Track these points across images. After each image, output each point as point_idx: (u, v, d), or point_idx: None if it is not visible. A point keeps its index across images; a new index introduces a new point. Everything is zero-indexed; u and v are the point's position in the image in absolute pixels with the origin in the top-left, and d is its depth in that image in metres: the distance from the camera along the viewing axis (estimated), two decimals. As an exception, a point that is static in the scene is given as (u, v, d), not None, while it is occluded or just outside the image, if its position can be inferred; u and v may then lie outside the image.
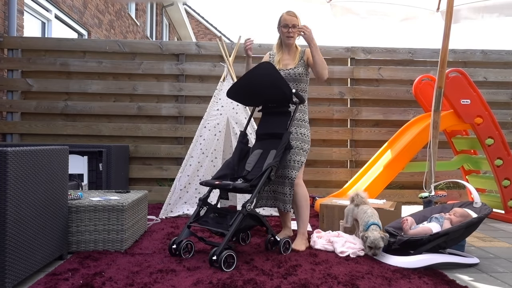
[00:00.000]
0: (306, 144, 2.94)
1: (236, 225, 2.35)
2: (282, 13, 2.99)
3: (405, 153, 3.91)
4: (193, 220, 2.59)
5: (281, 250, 2.61)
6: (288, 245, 2.66)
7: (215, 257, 2.25)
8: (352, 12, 4.24)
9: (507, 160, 3.95)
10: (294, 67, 2.97)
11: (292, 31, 2.95)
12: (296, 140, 2.90)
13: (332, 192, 4.44)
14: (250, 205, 2.42)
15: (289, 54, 3.05)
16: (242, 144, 2.92)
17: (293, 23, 2.93)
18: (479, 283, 2.19)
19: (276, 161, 2.56)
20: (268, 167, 2.52)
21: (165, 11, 14.83)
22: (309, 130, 2.99)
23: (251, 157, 2.84)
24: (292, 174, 2.82)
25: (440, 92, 3.43)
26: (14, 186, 1.89)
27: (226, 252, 2.27)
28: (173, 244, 2.52)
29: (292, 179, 2.81)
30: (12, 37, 4.80)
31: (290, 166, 2.84)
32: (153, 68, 4.80)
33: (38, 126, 4.69)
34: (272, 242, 2.69)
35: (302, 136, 2.93)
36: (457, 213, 2.61)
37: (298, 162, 2.85)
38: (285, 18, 2.96)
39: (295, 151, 2.87)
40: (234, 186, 2.48)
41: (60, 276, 2.14)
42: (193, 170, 3.80)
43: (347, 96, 4.90)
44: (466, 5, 4.05)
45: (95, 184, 4.05)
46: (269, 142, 2.82)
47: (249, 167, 2.78)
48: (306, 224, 2.88)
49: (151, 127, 4.78)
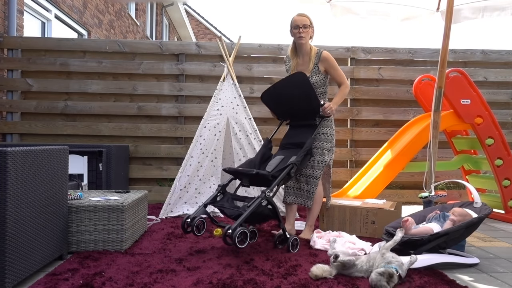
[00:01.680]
0: (329, 143, 3.06)
1: (253, 207, 2.44)
2: (293, 17, 3.03)
3: (405, 153, 3.91)
4: (210, 201, 2.70)
5: (289, 248, 2.66)
6: (296, 242, 2.71)
7: (230, 231, 2.30)
8: (352, 12, 4.24)
9: (507, 160, 3.95)
10: (309, 76, 3.01)
11: (303, 31, 2.97)
12: (318, 141, 3.03)
13: (332, 192, 4.43)
14: (270, 192, 2.53)
15: (303, 59, 3.08)
16: (266, 149, 3.07)
17: (304, 23, 2.96)
18: (479, 283, 2.19)
19: (298, 160, 2.70)
20: (290, 164, 2.66)
21: (165, 11, 14.83)
22: (333, 129, 3.10)
23: (272, 160, 2.97)
24: (317, 173, 2.99)
25: (440, 92, 3.42)
26: (14, 186, 1.89)
27: (241, 229, 2.32)
28: (187, 219, 2.60)
29: (317, 178, 2.99)
30: (12, 37, 4.80)
31: (315, 166, 2.99)
32: (153, 68, 4.80)
33: (38, 126, 4.69)
34: (282, 239, 2.73)
35: (324, 136, 3.04)
36: (456, 212, 2.61)
37: (322, 162, 2.99)
38: (296, 19, 3.00)
39: (317, 151, 3.01)
40: (257, 172, 2.60)
41: (60, 276, 2.14)
42: (193, 170, 3.80)
43: (347, 96, 4.88)
44: (466, 5, 4.05)
45: (95, 184, 4.05)
46: (291, 151, 2.95)
47: (270, 168, 2.88)
48: (315, 218, 3.11)
49: (151, 127, 4.78)
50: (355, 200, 3.55)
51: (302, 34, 2.97)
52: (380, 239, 2.89)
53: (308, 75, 2.99)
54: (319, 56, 3.02)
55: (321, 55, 3.01)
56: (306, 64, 3.05)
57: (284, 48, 4.82)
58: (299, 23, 2.96)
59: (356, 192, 3.90)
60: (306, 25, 2.96)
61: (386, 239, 2.54)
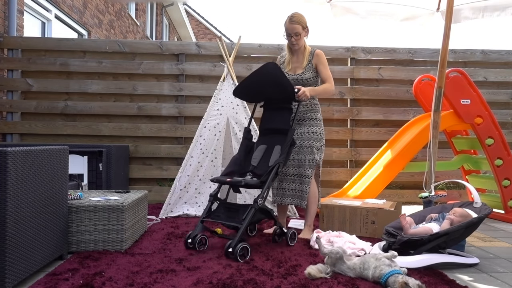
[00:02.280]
0: (319, 142, 3.07)
1: (249, 219, 2.51)
2: (286, 20, 3.01)
3: (405, 153, 3.91)
4: (206, 215, 2.72)
5: (288, 241, 2.77)
6: (294, 236, 2.81)
7: (231, 249, 2.38)
8: (352, 12, 4.24)
9: (507, 160, 3.95)
10: (302, 72, 3.06)
11: (295, 39, 3.01)
12: (308, 140, 3.04)
13: (332, 192, 4.43)
14: (261, 200, 2.58)
15: (298, 56, 3.12)
16: (247, 140, 3.04)
17: (295, 32, 2.98)
18: (479, 283, 2.19)
19: (283, 157, 2.71)
20: (276, 164, 2.67)
21: (165, 11, 14.83)
22: (322, 128, 3.11)
23: (256, 152, 2.96)
24: (308, 172, 3.02)
25: (440, 92, 3.43)
26: (14, 186, 1.89)
27: (242, 244, 2.42)
28: (189, 238, 2.64)
29: (309, 177, 3.02)
30: (12, 37, 4.80)
31: (306, 166, 3.02)
32: (153, 68, 4.80)
33: (38, 126, 4.69)
34: (279, 233, 2.84)
35: (314, 135, 3.05)
36: (457, 213, 2.61)
37: (312, 161, 3.02)
38: (287, 27, 3.00)
39: (308, 150, 3.03)
40: (246, 183, 2.63)
41: (60, 276, 2.14)
42: (193, 170, 3.80)
43: (347, 96, 4.90)
44: (466, 5, 4.05)
45: (95, 184, 4.05)
46: (272, 138, 2.94)
47: (255, 162, 2.90)
48: (313, 217, 3.12)
49: (151, 127, 4.78)
50: (355, 200, 3.55)
51: (294, 42, 3.02)
52: (380, 239, 2.89)
53: (302, 71, 3.05)
54: (312, 54, 3.08)
55: (314, 52, 3.08)
56: (300, 62, 3.10)
57: (284, 48, 4.81)
58: (290, 32, 2.99)
59: (356, 192, 3.90)
60: (297, 33, 2.98)
61: (386, 239, 2.54)
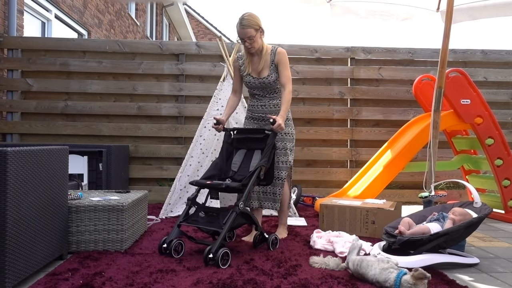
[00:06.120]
0: (291, 143, 3.02)
1: (229, 224, 2.42)
2: (237, 23, 2.84)
3: (405, 153, 3.91)
4: (183, 219, 2.60)
5: (270, 246, 2.70)
6: (276, 241, 2.76)
7: (211, 255, 2.29)
8: (352, 12, 4.24)
9: (507, 160, 3.95)
10: (268, 74, 2.91)
11: (249, 43, 2.85)
12: (282, 141, 2.99)
13: (332, 192, 4.44)
14: (242, 203, 2.50)
15: (258, 57, 2.95)
16: (228, 144, 2.95)
17: (248, 36, 2.81)
18: (479, 283, 2.19)
19: (264, 160, 2.64)
20: (258, 167, 2.61)
21: (165, 11, 14.83)
22: (293, 127, 3.05)
23: (235, 157, 2.92)
24: (282, 175, 2.96)
25: (440, 92, 3.43)
26: (14, 186, 1.89)
27: (223, 250, 2.32)
28: (164, 243, 2.51)
29: (283, 180, 2.95)
30: (12, 37, 4.80)
31: (279, 167, 2.96)
32: (153, 68, 4.80)
33: (38, 126, 4.69)
34: (260, 239, 2.77)
35: (286, 136, 3.01)
36: (456, 212, 2.61)
37: (286, 163, 2.97)
38: (238, 32, 2.83)
39: (281, 152, 2.97)
40: (227, 186, 2.53)
41: (60, 276, 2.14)
42: (193, 170, 3.80)
43: (347, 96, 4.90)
44: (466, 5, 4.05)
45: (95, 184, 4.05)
46: (249, 140, 2.89)
47: (235, 167, 2.86)
48: (287, 216, 3.14)
49: (151, 127, 4.78)
50: (355, 200, 3.55)
51: (249, 46, 2.86)
52: (380, 239, 2.89)
53: (268, 73, 2.90)
54: (274, 53, 2.92)
55: (276, 50, 2.92)
56: (260, 64, 2.92)
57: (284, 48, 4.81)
58: (243, 36, 2.82)
59: (356, 192, 3.90)
60: (250, 37, 2.81)
61: (386, 239, 2.54)
